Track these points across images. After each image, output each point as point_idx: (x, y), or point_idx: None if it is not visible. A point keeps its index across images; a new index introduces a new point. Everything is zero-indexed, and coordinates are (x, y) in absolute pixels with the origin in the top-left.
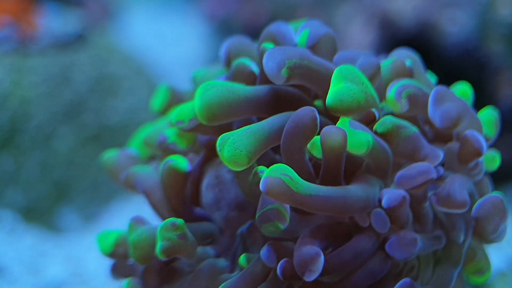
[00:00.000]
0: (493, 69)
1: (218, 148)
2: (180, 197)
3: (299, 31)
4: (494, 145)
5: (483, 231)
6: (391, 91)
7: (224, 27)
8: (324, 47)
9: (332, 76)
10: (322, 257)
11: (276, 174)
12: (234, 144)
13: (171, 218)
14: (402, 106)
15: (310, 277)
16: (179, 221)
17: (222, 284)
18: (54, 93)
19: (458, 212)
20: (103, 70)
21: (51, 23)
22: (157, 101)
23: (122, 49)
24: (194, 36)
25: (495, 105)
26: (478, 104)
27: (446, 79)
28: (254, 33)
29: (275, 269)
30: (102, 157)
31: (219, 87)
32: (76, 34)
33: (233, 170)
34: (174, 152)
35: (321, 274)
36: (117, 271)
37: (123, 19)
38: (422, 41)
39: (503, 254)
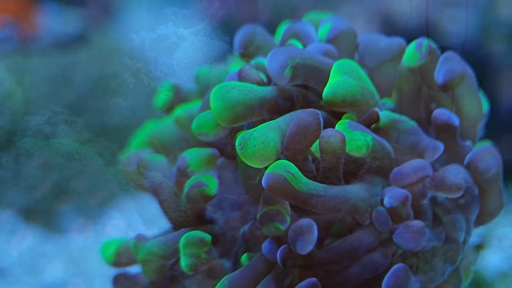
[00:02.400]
0: (495, 69)
1: (239, 147)
2: (197, 217)
3: (321, 25)
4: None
5: (476, 170)
6: (411, 45)
7: (224, 27)
8: (344, 41)
9: (331, 71)
10: (315, 228)
11: (278, 171)
12: (259, 138)
13: (198, 233)
14: (422, 55)
15: (302, 248)
16: (207, 236)
17: (225, 277)
18: (55, 93)
19: (454, 197)
20: (104, 70)
21: (52, 23)
22: (160, 98)
23: (123, 49)
24: (194, 36)
25: (496, 106)
26: None
27: None
28: None
29: (277, 266)
30: (120, 157)
31: (240, 88)
32: (77, 34)
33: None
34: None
35: (319, 265)
36: (119, 283)
37: (123, 19)
38: None
39: (503, 255)
